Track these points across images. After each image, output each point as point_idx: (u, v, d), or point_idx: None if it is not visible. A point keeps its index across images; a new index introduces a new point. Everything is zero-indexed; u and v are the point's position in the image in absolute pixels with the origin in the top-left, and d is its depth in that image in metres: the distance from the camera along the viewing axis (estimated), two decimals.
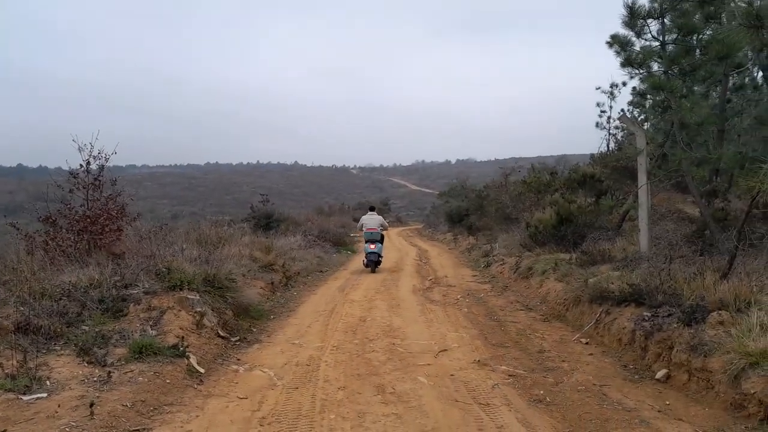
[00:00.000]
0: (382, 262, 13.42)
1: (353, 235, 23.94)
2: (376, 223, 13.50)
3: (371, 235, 13.18)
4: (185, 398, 4.42)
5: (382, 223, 13.68)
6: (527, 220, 12.14)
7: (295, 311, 8.30)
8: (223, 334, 6.31)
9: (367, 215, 13.98)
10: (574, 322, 6.94)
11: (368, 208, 15.27)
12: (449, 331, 6.77)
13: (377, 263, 13.05)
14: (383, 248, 13.58)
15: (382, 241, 13.39)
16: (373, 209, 14.55)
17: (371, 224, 13.42)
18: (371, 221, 13.54)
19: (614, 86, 21.99)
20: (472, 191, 25.87)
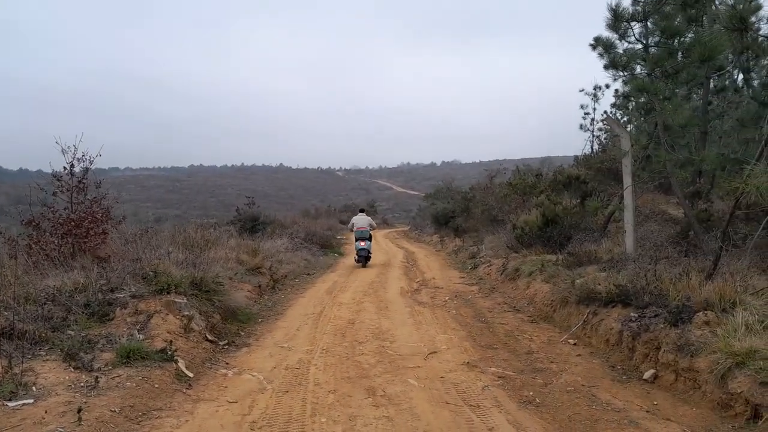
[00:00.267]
0: (371, 257, 14.84)
1: (340, 237, 23.92)
2: (365, 222, 14.90)
3: (361, 233, 14.60)
4: (174, 403, 4.37)
5: (370, 223, 15.12)
6: (513, 221, 12.21)
7: (283, 314, 8.26)
8: (211, 337, 6.25)
9: (357, 216, 15.41)
10: (561, 323, 6.97)
11: (359, 210, 17.30)
12: (438, 333, 6.78)
13: (367, 258, 14.55)
14: (371, 245, 15.08)
15: (370, 239, 14.92)
16: (363, 211, 16.38)
17: (361, 224, 14.82)
18: (361, 221, 14.93)
19: (597, 88, 22.31)
20: (458, 193, 25.89)
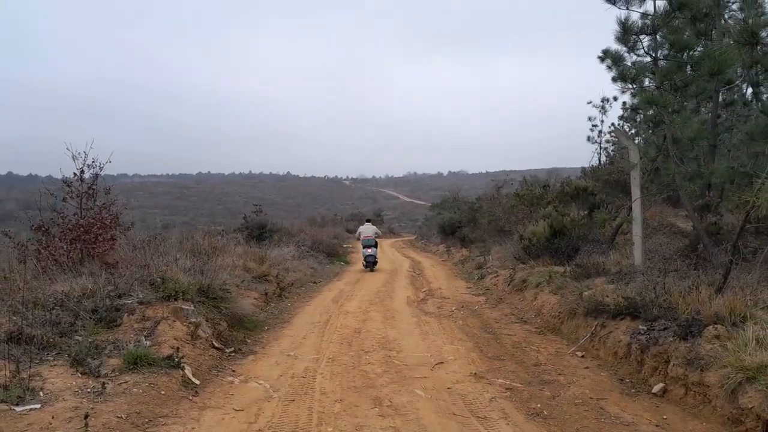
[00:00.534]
0: (378, 262, 16.40)
1: (347, 245, 23.93)
2: (371, 231, 16.46)
3: (368, 241, 16.19)
4: (181, 410, 4.37)
5: (376, 232, 16.75)
6: (520, 232, 12.16)
7: (289, 322, 8.26)
8: (217, 345, 6.26)
9: (363, 225, 17.05)
10: (569, 335, 6.92)
11: (365, 220, 18.84)
12: (445, 343, 6.75)
13: (374, 263, 16.09)
14: (377, 251, 16.64)
15: (376, 246, 16.48)
16: (369, 221, 18.06)
17: (367, 232, 16.40)
18: (367, 230, 16.50)
19: (605, 101, 22.40)
20: (464, 203, 25.88)
